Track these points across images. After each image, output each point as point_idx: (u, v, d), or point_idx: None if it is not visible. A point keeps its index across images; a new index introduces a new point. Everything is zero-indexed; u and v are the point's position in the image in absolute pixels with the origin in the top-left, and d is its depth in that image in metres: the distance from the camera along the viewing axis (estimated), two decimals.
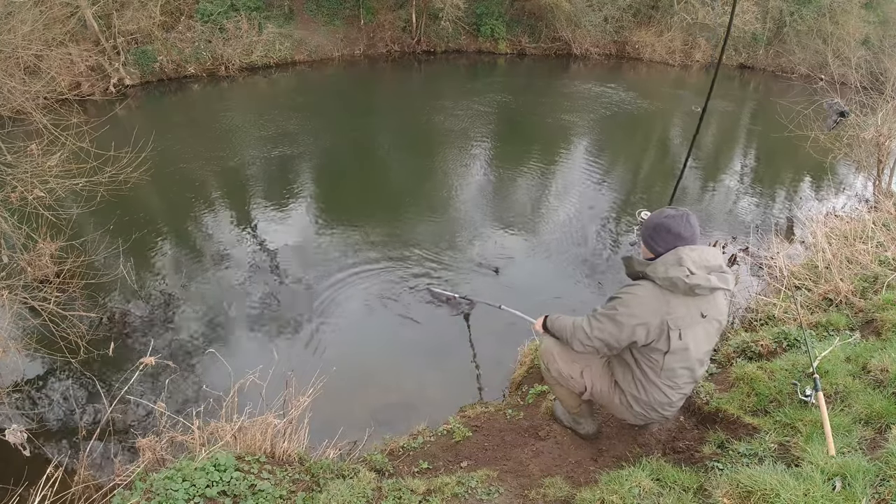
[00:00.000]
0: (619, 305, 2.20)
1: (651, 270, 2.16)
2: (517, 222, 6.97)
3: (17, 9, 8.01)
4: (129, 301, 5.07)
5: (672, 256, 2.14)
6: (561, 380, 2.61)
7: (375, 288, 5.38)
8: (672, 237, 2.17)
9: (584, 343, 2.31)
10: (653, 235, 2.23)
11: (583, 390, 2.58)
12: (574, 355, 2.57)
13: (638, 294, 2.18)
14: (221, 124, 10.05)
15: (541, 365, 2.72)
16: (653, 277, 2.16)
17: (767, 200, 8.42)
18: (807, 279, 4.67)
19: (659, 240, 2.20)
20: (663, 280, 2.13)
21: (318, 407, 2.99)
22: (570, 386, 2.61)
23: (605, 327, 2.23)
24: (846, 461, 1.96)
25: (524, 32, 17.16)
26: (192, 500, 2.11)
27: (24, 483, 2.69)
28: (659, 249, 2.21)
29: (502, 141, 10.28)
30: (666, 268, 2.12)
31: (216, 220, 6.70)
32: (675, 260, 2.12)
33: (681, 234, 2.16)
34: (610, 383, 2.49)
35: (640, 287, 2.20)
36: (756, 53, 17.94)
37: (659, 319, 2.15)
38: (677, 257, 2.12)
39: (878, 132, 7.09)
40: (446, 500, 2.35)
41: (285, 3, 14.69)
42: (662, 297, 2.15)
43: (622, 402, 2.46)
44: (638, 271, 2.24)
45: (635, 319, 2.16)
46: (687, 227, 2.16)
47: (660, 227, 2.20)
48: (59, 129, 5.26)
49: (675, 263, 2.11)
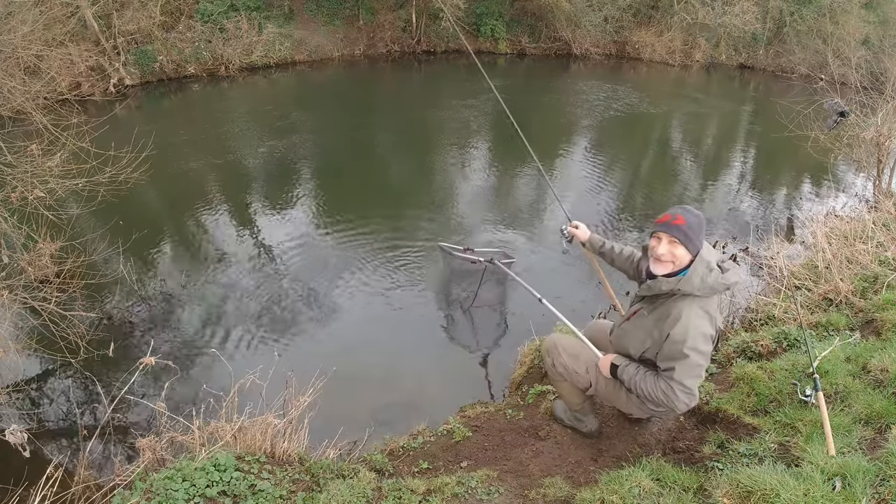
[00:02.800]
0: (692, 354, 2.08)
1: (687, 286, 2.07)
2: (517, 221, 6.97)
3: (17, 9, 8.00)
4: (129, 301, 5.07)
5: (700, 264, 2.08)
6: (566, 374, 2.59)
7: (376, 288, 5.38)
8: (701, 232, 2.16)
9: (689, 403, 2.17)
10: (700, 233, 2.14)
11: (587, 386, 2.57)
12: (579, 350, 2.57)
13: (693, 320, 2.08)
14: (221, 124, 10.04)
15: (545, 360, 2.69)
16: (690, 291, 2.07)
17: (767, 200, 8.41)
18: (807, 279, 4.67)
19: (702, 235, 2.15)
20: (702, 289, 2.06)
21: (318, 407, 2.99)
22: (575, 381, 2.59)
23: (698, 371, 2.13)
24: (846, 461, 1.96)
25: (524, 32, 17.15)
26: (192, 500, 2.11)
27: (24, 483, 2.69)
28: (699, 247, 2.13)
29: (502, 141, 10.27)
30: (701, 278, 2.06)
31: (216, 220, 6.70)
32: (705, 266, 2.08)
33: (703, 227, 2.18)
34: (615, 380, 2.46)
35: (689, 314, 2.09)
36: (756, 53, 17.94)
37: (714, 330, 2.14)
38: (705, 262, 2.09)
39: (878, 132, 7.09)
40: (446, 500, 2.35)
41: (285, 3, 14.69)
42: (707, 306, 2.11)
43: (630, 399, 2.43)
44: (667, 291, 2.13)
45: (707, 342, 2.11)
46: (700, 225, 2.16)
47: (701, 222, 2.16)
48: (59, 130, 5.26)
49: (707, 270, 2.07)
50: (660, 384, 2.17)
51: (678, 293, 2.11)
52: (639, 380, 2.25)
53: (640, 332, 2.26)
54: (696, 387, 2.15)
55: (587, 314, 4.92)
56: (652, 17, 17.87)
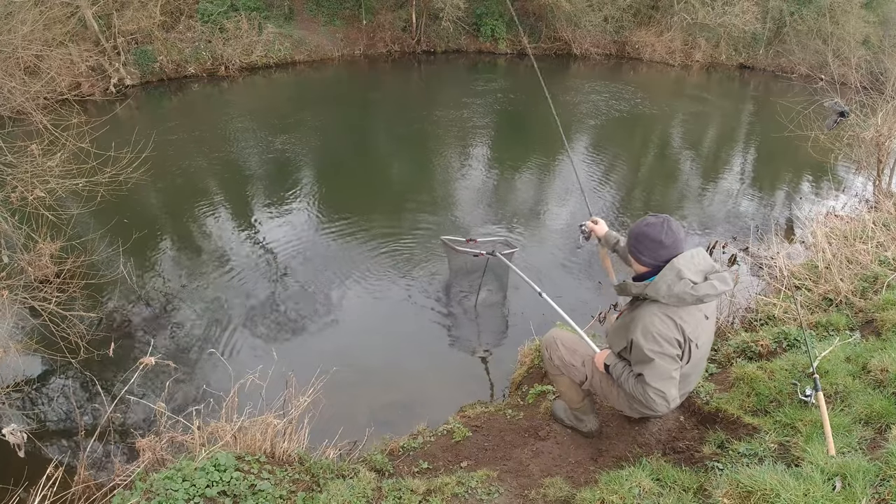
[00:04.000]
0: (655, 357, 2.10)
1: (652, 291, 2.07)
2: (516, 221, 6.97)
3: (17, 9, 8.01)
4: (129, 301, 5.07)
5: (670, 272, 2.05)
6: (563, 368, 2.63)
7: (376, 287, 5.38)
8: (655, 245, 2.09)
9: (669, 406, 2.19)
10: (636, 246, 2.15)
11: (583, 379, 2.61)
12: (577, 345, 2.63)
13: (655, 324, 2.09)
14: (221, 124, 10.04)
15: (543, 354, 2.74)
16: (656, 298, 2.07)
17: (767, 200, 8.41)
18: (807, 279, 4.67)
19: (643, 249, 2.13)
20: (668, 298, 2.05)
21: (318, 407, 2.99)
22: (572, 374, 2.63)
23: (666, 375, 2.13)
24: (846, 461, 1.96)
25: (524, 32, 17.16)
26: (192, 500, 2.11)
27: (24, 483, 2.69)
28: (645, 259, 2.14)
29: (502, 140, 10.27)
30: (668, 285, 2.04)
31: (216, 220, 6.70)
32: (675, 274, 2.04)
33: (662, 241, 2.07)
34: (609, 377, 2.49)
35: (650, 318, 2.10)
36: (756, 53, 17.94)
37: (681, 336, 2.11)
38: (675, 270, 2.04)
39: (878, 132, 7.09)
40: (446, 500, 2.35)
41: (285, 3, 14.69)
42: (674, 313, 2.10)
43: (620, 397, 2.47)
44: (636, 295, 2.17)
45: (669, 346, 2.10)
46: (668, 234, 2.07)
47: (641, 237, 2.13)
48: (59, 130, 5.26)
49: (675, 278, 2.04)
50: (637, 387, 2.21)
51: (647, 297, 2.12)
52: (624, 379, 2.30)
53: (621, 332, 2.29)
54: (672, 389, 2.15)
55: (587, 313, 4.92)
56: (652, 17, 17.88)
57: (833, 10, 16.50)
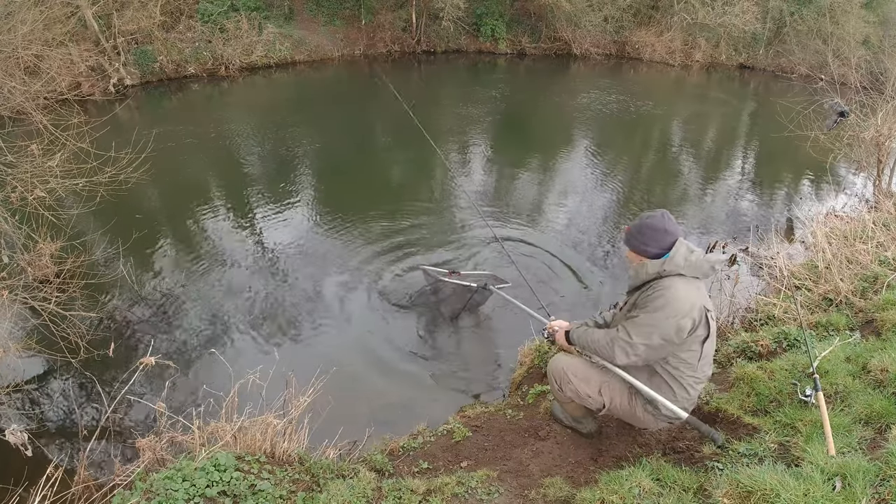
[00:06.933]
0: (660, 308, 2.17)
1: (671, 266, 2.20)
2: (516, 220, 6.96)
3: (17, 9, 8.01)
4: (129, 301, 5.07)
5: (681, 247, 2.22)
6: (578, 399, 2.56)
7: (376, 287, 5.37)
8: (661, 233, 2.23)
9: (628, 352, 2.23)
10: (641, 239, 2.26)
11: (600, 407, 2.52)
12: (591, 373, 2.49)
13: (673, 288, 2.18)
14: (221, 124, 10.04)
15: (552, 385, 2.65)
16: (676, 271, 2.20)
17: (767, 200, 8.41)
18: (807, 279, 4.67)
19: (649, 240, 2.25)
20: (688, 267, 2.19)
21: (318, 407, 2.99)
22: (588, 405, 2.57)
23: (648, 330, 2.19)
24: (846, 461, 1.96)
25: (524, 32, 17.16)
26: (192, 500, 2.11)
27: (24, 483, 2.69)
28: (652, 250, 2.25)
29: (502, 140, 10.27)
30: (684, 257, 2.20)
31: (216, 220, 6.70)
32: (686, 248, 2.22)
33: (667, 228, 2.23)
34: (630, 396, 2.45)
35: (670, 282, 2.20)
36: (756, 53, 17.94)
37: (700, 305, 2.20)
38: (685, 246, 2.22)
39: (878, 132, 7.09)
40: (446, 500, 2.35)
41: (285, 3, 14.69)
42: (693, 284, 2.22)
43: (646, 411, 2.41)
44: (654, 273, 2.23)
45: (679, 315, 2.16)
46: (669, 223, 2.24)
47: (645, 228, 2.26)
48: (59, 130, 5.26)
49: (688, 251, 2.21)
50: (608, 334, 2.31)
51: (664, 274, 2.22)
52: (589, 335, 2.38)
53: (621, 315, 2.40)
54: (641, 344, 2.19)
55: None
56: (652, 17, 17.88)
57: (833, 10, 16.50)
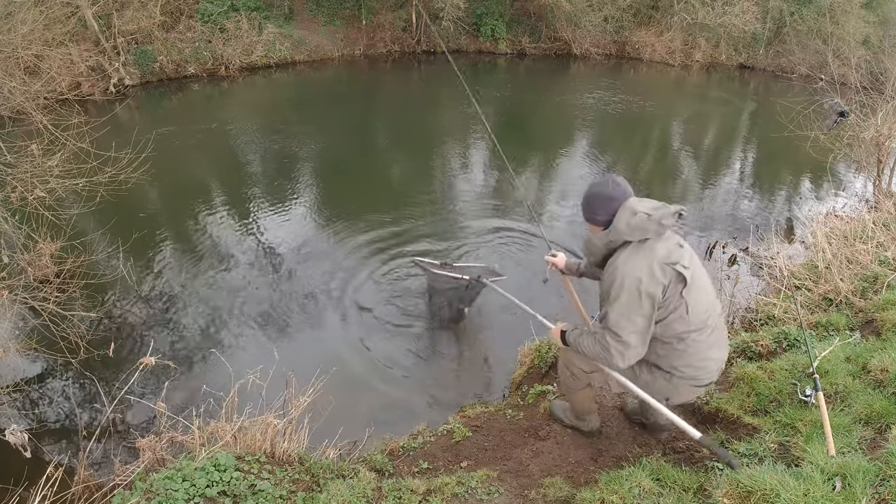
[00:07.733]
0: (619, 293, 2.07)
1: (615, 235, 2.11)
2: (516, 219, 6.96)
3: (17, 9, 8.01)
4: (130, 301, 5.07)
5: (624, 212, 2.10)
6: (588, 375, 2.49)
7: (376, 287, 5.37)
8: (605, 200, 2.15)
9: (624, 353, 2.11)
10: (589, 208, 2.20)
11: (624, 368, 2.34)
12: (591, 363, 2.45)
13: (623, 265, 2.08)
14: (221, 124, 10.04)
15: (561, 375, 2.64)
16: (621, 239, 2.10)
17: (767, 200, 8.41)
18: (807, 279, 4.67)
19: (596, 208, 2.18)
20: (631, 232, 2.07)
21: (318, 407, 2.99)
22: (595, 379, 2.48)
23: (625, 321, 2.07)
24: (846, 461, 1.95)
25: (524, 32, 17.16)
26: (192, 500, 2.11)
27: (24, 483, 2.69)
28: (600, 218, 2.17)
29: (502, 140, 10.26)
30: (626, 222, 2.08)
31: (216, 220, 6.70)
32: (629, 211, 2.08)
33: (610, 194, 2.14)
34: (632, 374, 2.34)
35: (619, 258, 2.11)
36: (756, 53, 17.93)
37: (658, 266, 2.06)
38: (628, 208, 2.09)
39: (878, 132, 7.09)
40: (446, 500, 2.35)
41: (285, 3, 14.69)
42: (644, 247, 2.09)
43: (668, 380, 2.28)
44: (603, 245, 2.18)
45: (640, 290, 2.05)
46: (615, 188, 2.14)
47: (591, 198, 2.19)
48: (59, 129, 5.26)
49: (630, 214, 2.08)
50: (595, 337, 2.19)
51: (612, 246, 2.15)
52: (583, 338, 2.26)
53: None
54: (632, 336, 2.07)
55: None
56: (652, 17, 17.87)
57: (833, 10, 16.49)
